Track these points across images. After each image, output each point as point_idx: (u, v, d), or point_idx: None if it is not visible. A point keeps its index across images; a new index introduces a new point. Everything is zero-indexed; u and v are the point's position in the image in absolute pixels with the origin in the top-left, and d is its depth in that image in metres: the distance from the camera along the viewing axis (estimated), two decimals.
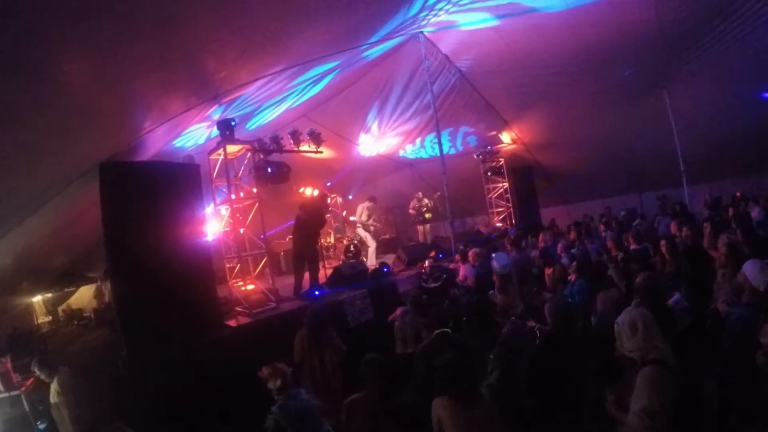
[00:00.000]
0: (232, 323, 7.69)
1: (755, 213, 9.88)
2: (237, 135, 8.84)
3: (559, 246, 9.62)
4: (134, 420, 4.81)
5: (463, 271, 9.57)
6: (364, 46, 9.43)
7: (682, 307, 5.53)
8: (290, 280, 9.91)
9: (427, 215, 15.71)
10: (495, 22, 9.50)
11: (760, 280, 4.57)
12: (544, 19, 9.10)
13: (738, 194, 13.38)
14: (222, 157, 8.60)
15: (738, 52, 10.23)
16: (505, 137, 16.23)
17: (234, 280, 8.77)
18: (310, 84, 9.92)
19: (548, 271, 8.69)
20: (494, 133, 15.91)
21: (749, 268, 4.73)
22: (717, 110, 12.56)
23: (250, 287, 8.76)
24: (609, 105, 12.83)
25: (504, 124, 15.51)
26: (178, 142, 9.49)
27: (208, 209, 9.21)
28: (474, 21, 9.58)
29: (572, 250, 9.51)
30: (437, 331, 5.43)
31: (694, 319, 5.47)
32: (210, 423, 5.77)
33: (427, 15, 9.10)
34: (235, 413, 5.70)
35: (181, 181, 7.30)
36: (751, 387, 3.76)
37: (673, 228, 8.93)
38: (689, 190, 13.48)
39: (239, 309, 8.24)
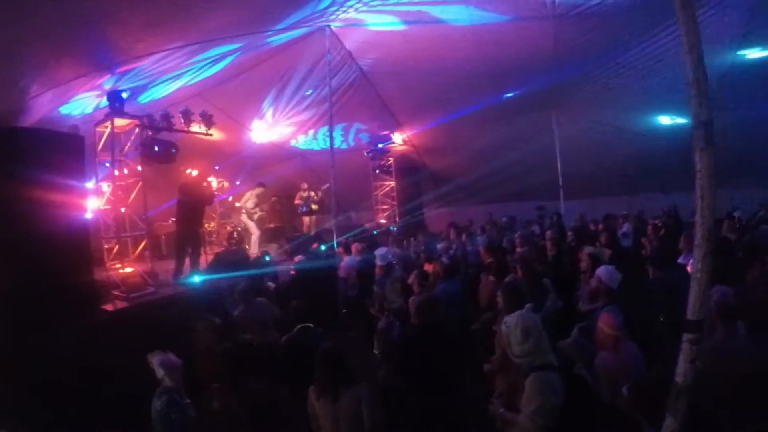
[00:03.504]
0: (109, 308, 7.24)
1: (624, 228, 11.08)
2: (127, 108, 8.37)
3: (439, 246, 10.10)
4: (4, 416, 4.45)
5: (345, 263, 9.69)
6: (270, 32, 9.25)
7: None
8: (170, 265, 9.53)
9: (314, 207, 15.65)
10: (402, 27, 9.68)
11: (614, 280, 5.19)
12: (449, 30, 9.42)
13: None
14: (109, 130, 8.09)
15: (626, 86, 11.26)
16: (397, 138, 16.61)
17: (111, 262, 8.29)
18: (209, 63, 9.52)
19: (428, 266, 8.93)
20: (386, 132, 16.26)
21: (604, 272, 5.39)
22: (598, 135, 13.83)
23: (129, 270, 8.33)
24: (499, 118, 13.55)
25: (397, 125, 15.87)
26: (64, 109, 8.69)
27: (89, 184, 8.58)
28: (382, 23, 9.70)
29: (450, 251, 10.04)
30: (299, 326, 5.60)
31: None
32: (87, 413, 5.39)
33: (336, 10, 9.07)
34: (113, 401, 5.38)
35: (64, 153, 6.68)
36: None
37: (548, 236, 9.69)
38: (565, 204, 14.58)
39: (116, 293, 7.72)
